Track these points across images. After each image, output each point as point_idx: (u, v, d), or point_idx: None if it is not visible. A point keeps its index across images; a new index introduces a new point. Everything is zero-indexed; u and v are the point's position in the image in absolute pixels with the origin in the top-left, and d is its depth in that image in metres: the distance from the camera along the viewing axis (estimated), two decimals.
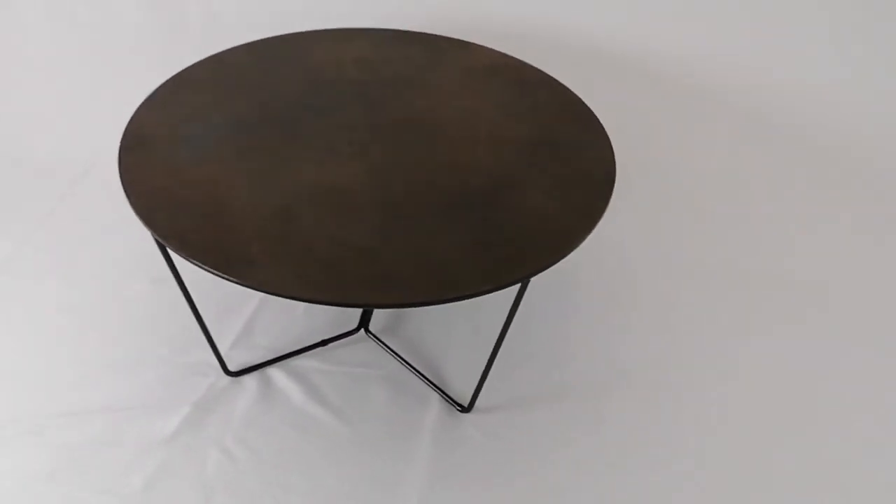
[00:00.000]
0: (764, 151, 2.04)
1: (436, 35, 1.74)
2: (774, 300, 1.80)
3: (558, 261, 1.19)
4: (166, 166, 1.29)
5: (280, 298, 1.19)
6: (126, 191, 1.24)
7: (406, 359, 1.60)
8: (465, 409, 1.50)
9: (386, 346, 1.62)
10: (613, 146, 1.42)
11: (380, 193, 1.27)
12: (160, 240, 1.17)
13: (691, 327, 1.72)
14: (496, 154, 1.38)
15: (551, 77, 1.61)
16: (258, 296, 1.68)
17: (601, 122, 1.48)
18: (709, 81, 2.01)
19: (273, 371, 1.55)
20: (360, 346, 1.64)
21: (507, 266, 1.16)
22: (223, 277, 1.11)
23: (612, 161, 1.39)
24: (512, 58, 1.67)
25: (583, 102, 1.54)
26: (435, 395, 1.53)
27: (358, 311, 1.68)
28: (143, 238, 1.38)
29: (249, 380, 1.53)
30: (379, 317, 1.71)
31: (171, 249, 1.16)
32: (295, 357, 1.58)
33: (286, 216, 1.21)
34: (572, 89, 1.58)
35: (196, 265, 1.13)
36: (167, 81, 1.51)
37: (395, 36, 1.71)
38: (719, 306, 1.78)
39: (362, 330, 1.66)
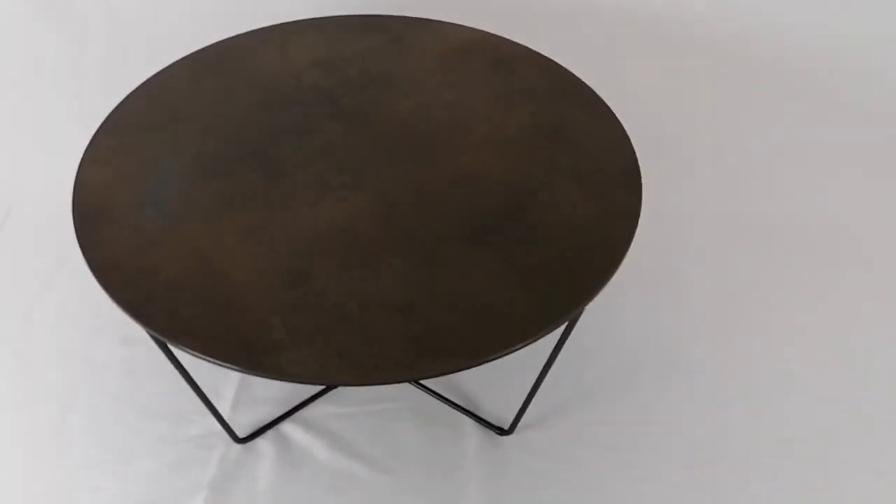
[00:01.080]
0: (779, 99, 1.92)
1: (388, 16, 1.54)
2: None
3: (609, 279, 1.07)
4: (139, 238, 1.09)
5: None
6: (101, 281, 1.04)
7: (427, 385, 1.47)
8: (507, 432, 1.39)
9: None
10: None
11: (392, 229, 1.11)
12: (160, 337, 0.99)
13: (746, 328, 1.61)
14: (504, 156, 1.24)
15: (532, 51, 1.46)
16: None
17: (600, 96, 1.34)
18: (711, 33, 1.83)
19: (287, 427, 1.40)
20: None
21: (555, 295, 1.03)
22: (251, 373, 0.95)
23: (630, 146, 1.26)
24: (483, 32, 1.50)
25: (576, 77, 1.40)
26: (468, 421, 1.41)
27: None
28: (93, 288, 1.18)
29: (263, 443, 1.37)
30: None
31: (180, 348, 0.97)
32: (307, 406, 1.43)
33: (299, 278, 1.04)
34: (559, 62, 1.43)
35: (214, 363, 0.95)
36: (104, 123, 1.28)
37: (345, 24, 1.51)
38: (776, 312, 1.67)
39: None
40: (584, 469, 1.34)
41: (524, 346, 0.99)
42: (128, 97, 1.32)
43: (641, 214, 1.15)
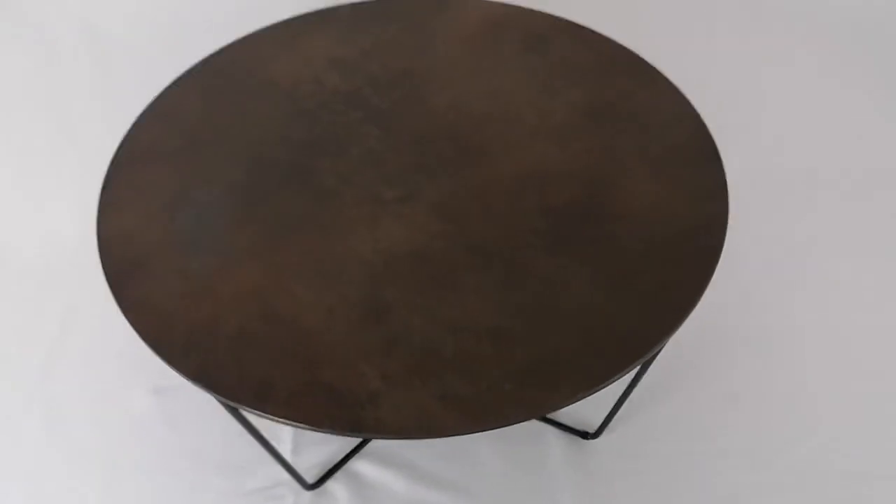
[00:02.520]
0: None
1: None
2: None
3: (713, 272, 0.97)
4: (185, 289, 0.97)
5: None
6: (154, 346, 0.91)
7: None
8: (593, 436, 1.30)
9: None
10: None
11: (462, 244, 1.00)
12: (234, 405, 0.87)
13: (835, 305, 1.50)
14: (562, 145, 1.13)
15: (565, 21, 1.34)
16: None
17: (651, 64, 1.23)
18: None
19: (357, 464, 1.29)
20: None
21: (659, 298, 0.94)
22: (350, 435, 0.84)
23: (697, 117, 1.15)
24: (507, 6, 1.37)
25: (620, 46, 1.28)
26: (548, 429, 1.32)
27: None
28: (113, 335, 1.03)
29: (335, 485, 1.27)
30: None
31: (260, 415, 0.86)
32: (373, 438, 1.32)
33: (377, 313, 0.93)
34: (597, 30, 1.31)
35: (305, 428, 0.84)
36: (116, 156, 1.14)
37: (356, 14, 1.37)
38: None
39: None
40: (679, 466, 1.25)
41: (639, 363, 0.89)
42: (136, 123, 1.18)
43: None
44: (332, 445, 1.31)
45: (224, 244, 1.02)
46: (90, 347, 1.47)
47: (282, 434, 1.33)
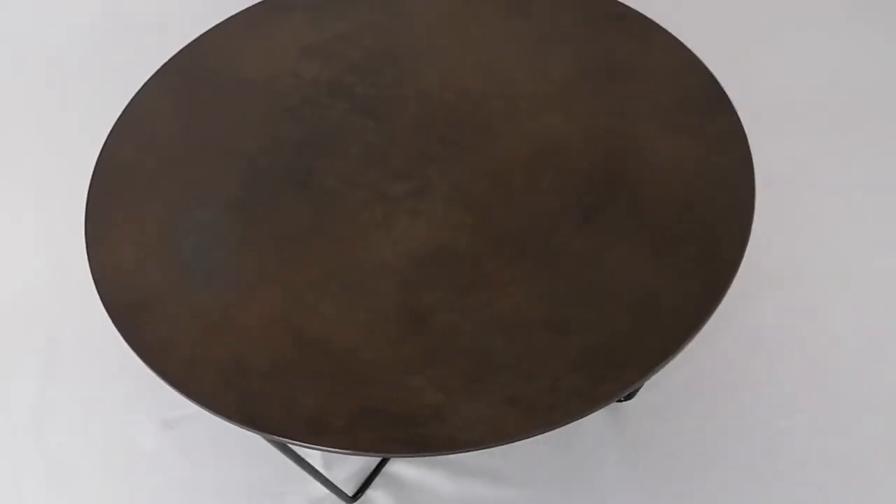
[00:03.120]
0: None
1: None
2: None
3: (750, 227, 0.94)
4: (204, 324, 0.89)
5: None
6: (185, 391, 0.84)
7: None
8: (628, 398, 1.27)
9: None
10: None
11: (489, 234, 0.95)
12: (289, 442, 0.81)
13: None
14: (568, 114, 1.08)
15: None
16: None
17: (641, 13, 1.18)
18: None
19: (393, 468, 1.24)
20: None
21: (703, 264, 0.90)
22: (421, 456, 0.79)
23: (701, 66, 1.11)
24: None
25: (614, 1, 1.22)
26: None
27: None
28: (105, 364, 1.05)
29: (376, 493, 1.22)
30: None
31: (320, 449, 0.80)
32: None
33: (417, 322, 0.87)
34: None
35: (370, 456, 0.79)
36: (93, 182, 1.04)
37: None
38: None
39: None
40: (715, 421, 1.24)
41: (698, 331, 0.85)
42: (107, 143, 1.08)
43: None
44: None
45: (233, 269, 0.94)
46: (82, 388, 1.38)
47: (309, 450, 1.26)
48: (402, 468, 1.23)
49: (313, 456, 1.25)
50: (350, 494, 1.21)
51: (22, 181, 1.56)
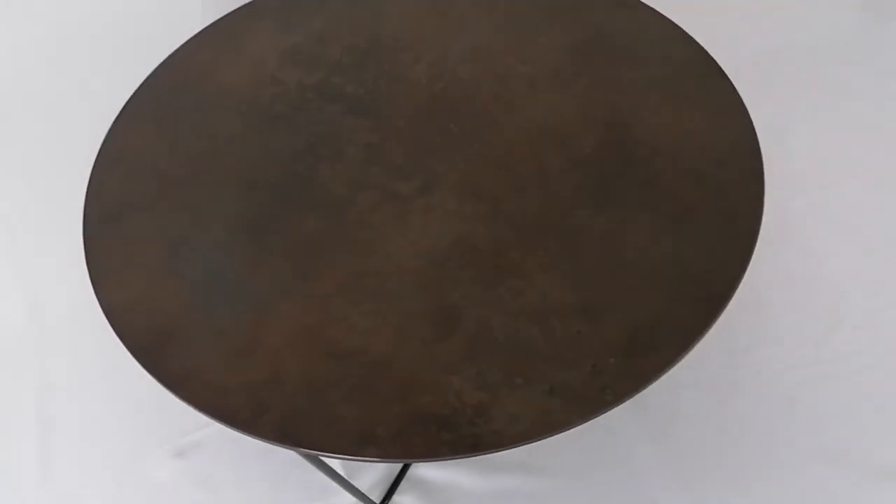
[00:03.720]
0: None
1: None
2: None
3: (763, 191, 0.95)
4: (231, 347, 0.86)
5: None
6: (222, 418, 0.81)
7: None
8: None
9: None
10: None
11: (505, 223, 0.94)
12: (338, 457, 0.79)
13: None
14: (565, 93, 1.07)
15: None
16: None
17: None
18: None
19: (419, 470, 1.22)
20: None
21: (728, 230, 0.90)
22: (469, 456, 0.78)
23: (687, 37, 1.11)
24: None
25: None
26: None
27: None
28: (108, 398, 1.07)
29: (403, 498, 1.20)
30: None
31: (369, 461, 0.78)
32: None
33: (447, 322, 0.86)
34: None
35: (421, 462, 0.77)
36: (87, 216, 1.00)
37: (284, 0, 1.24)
38: None
39: None
40: (729, 379, 1.25)
41: (727, 303, 0.86)
42: (95, 171, 1.04)
43: None
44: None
45: (249, 288, 0.91)
46: (86, 424, 1.33)
47: (328, 460, 1.24)
48: (426, 470, 1.22)
49: (333, 464, 1.22)
50: (377, 502, 1.18)
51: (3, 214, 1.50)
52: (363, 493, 1.17)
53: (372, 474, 1.22)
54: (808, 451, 1.19)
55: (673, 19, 1.13)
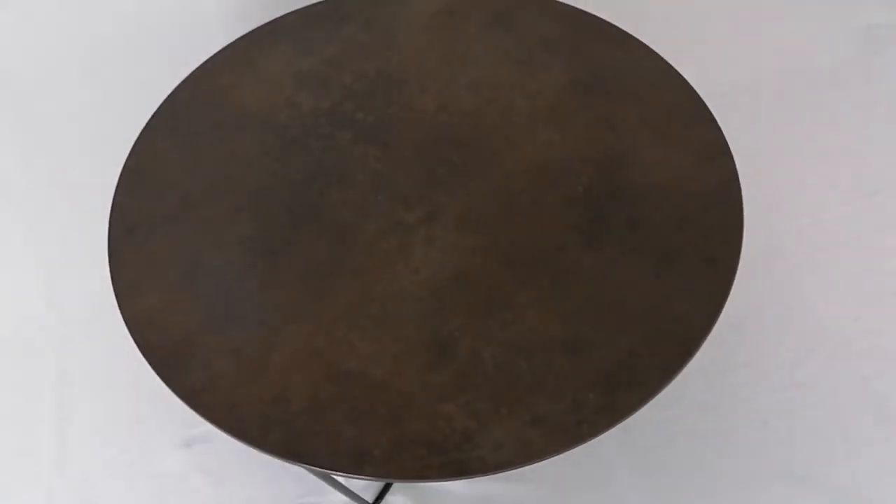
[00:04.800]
0: None
1: None
2: None
3: (742, 233, 1.01)
4: (241, 365, 0.94)
5: None
6: (231, 431, 0.89)
7: None
8: None
9: None
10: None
11: (501, 256, 1.00)
12: (336, 474, 0.86)
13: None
14: (562, 129, 1.13)
15: None
16: None
17: (619, 27, 1.23)
18: None
19: None
20: None
21: (707, 272, 0.97)
22: (453, 479, 0.85)
23: (679, 77, 1.17)
24: None
25: (582, 11, 1.27)
26: None
27: None
28: (117, 389, 1.10)
29: (395, 498, 1.29)
30: None
31: (362, 478, 0.86)
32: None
33: (443, 349, 0.94)
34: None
35: (411, 482, 0.85)
36: (112, 229, 1.07)
37: (304, 21, 1.30)
38: None
39: None
40: (706, 401, 1.32)
41: (701, 344, 0.93)
42: (119, 189, 1.11)
43: None
44: None
45: (259, 309, 0.98)
46: (99, 417, 1.41)
47: None
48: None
49: None
50: (370, 501, 1.27)
51: (27, 217, 1.57)
52: (357, 494, 1.25)
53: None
54: (777, 472, 1.26)
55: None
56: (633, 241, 1.00)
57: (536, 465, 1.27)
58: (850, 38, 1.80)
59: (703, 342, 0.92)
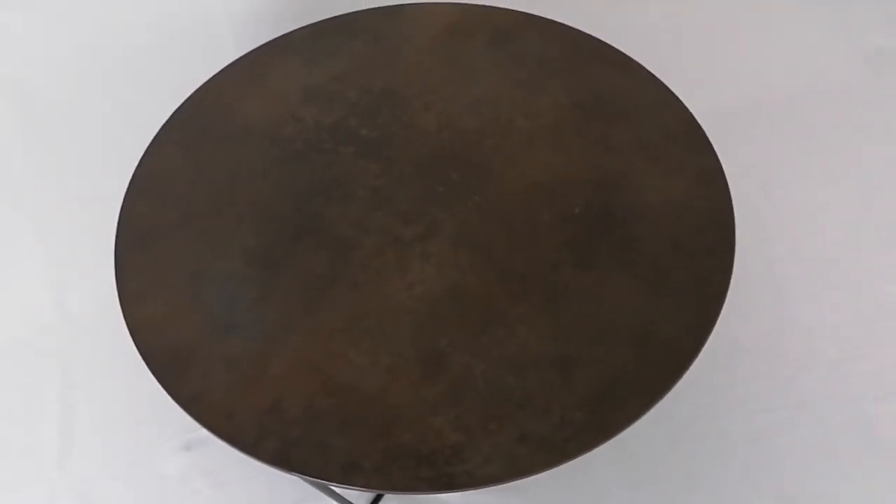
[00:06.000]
0: None
1: (347, 15, 1.36)
2: None
3: (733, 256, 1.03)
4: (239, 375, 0.97)
5: None
6: (226, 438, 0.91)
7: None
8: None
9: None
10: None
11: (495, 273, 1.03)
12: (326, 483, 0.89)
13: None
14: (559, 149, 1.16)
15: (522, 13, 1.33)
16: None
17: (621, 50, 1.25)
18: None
19: None
20: None
21: (697, 294, 1.00)
22: (440, 493, 0.87)
23: (678, 102, 1.19)
24: (461, 6, 1.35)
25: (584, 34, 1.29)
26: None
27: None
28: (120, 392, 1.14)
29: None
30: None
31: (349, 488, 0.88)
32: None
33: (435, 363, 0.96)
34: (564, 22, 1.31)
35: (399, 494, 0.87)
36: (119, 237, 1.10)
37: (312, 37, 1.32)
38: None
39: None
40: (698, 423, 1.34)
41: (690, 366, 0.95)
42: (127, 199, 1.13)
43: None
44: None
45: (258, 320, 1.01)
46: (101, 418, 1.44)
47: None
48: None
49: None
50: None
51: (37, 222, 1.60)
52: (350, 502, 1.27)
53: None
54: (767, 491, 1.28)
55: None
56: (625, 262, 1.02)
57: (528, 478, 1.30)
58: (852, 62, 1.81)
59: (691, 364, 0.94)
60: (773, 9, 1.86)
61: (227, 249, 1.07)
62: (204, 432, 1.37)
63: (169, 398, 0.94)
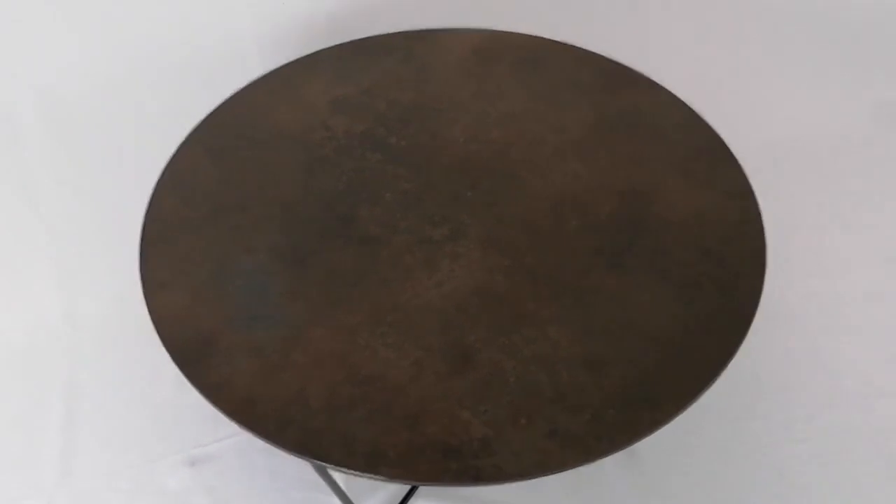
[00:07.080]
0: None
1: (382, 35, 1.39)
2: None
3: (765, 264, 1.03)
4: (263, 363, 0.95)
5: None
6: (249, 426, 0.88)
7: None
8: None
9: None
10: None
11: (525, 274, 1.02)
12: (350, 472, 0.86)
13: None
14: (588, 162, 1.16)
15: (548, 40, 1.36)
16: None
17: (645, 75, 1.28)
18: None
19: (420, 501, 1.28)
20: None
21: (728, 302, 0.99)
22: (467, 486, 0.85)
23: (703, 122, 1.21)
24: (489, 32, 1.38)
25: (609, 59, 1.32)
26: None
27: None
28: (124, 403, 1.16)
29: None
30: None
31: (376, 478, 0.85)
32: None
33: (463, 359, 0.94)
34: (585, 47, 1.34)
35: (426, 485, 0.84)
36: (144, 232, 1.09)
37: (343, 54, 1.34)
38: None
39: None
40: (720, 454, 1.31)
41: (725, 367, 0.93)
42: (155, 195, 1.13)
43: None
44: (388, 488, 1.30)
45: (284, 311, 0.99)
46: (105, 430, 1.40)
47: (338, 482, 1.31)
48: (427, 501, 1.28)
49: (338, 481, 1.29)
50: None
51: (50, 227, 1.59)
52: None
53: (374, 501, 1.28)
54: None
55: (696, 105, 1.23)
56: (654, 267, 1.01)
57: (538, 498, 1.26)
58: (860, 113, 1.85)
59: (724, 368, 0.92)
60: (785, 56, 1.90)
61: (254, 244, 1.07)
62: (209, 449, 1.36)
63: (175, 413, 0.91)
